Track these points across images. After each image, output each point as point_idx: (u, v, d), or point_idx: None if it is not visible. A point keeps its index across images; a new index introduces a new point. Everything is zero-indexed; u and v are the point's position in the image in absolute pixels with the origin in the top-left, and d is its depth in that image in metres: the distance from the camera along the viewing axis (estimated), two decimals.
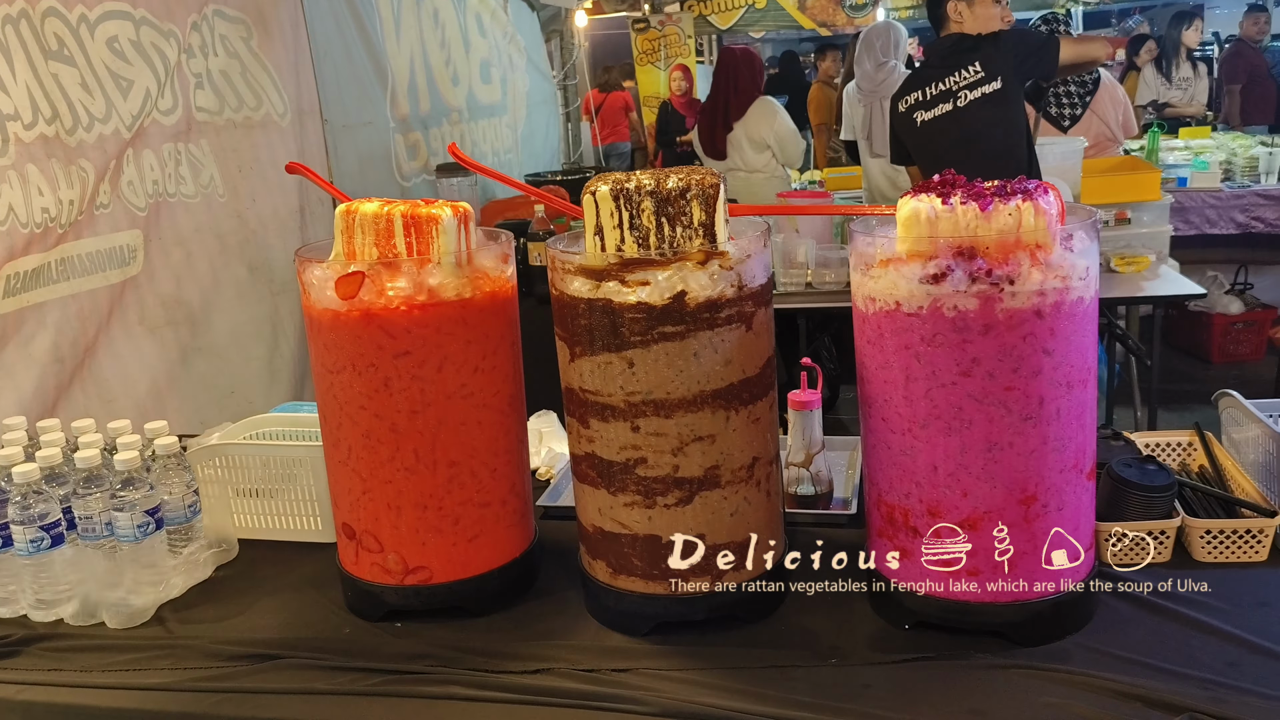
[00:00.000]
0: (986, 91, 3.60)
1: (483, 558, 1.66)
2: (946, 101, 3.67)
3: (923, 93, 3.75)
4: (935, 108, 3.70)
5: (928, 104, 3.73)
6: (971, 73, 3.60)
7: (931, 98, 3.72)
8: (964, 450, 1.40)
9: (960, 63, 3.65)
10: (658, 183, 1.45)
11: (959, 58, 3.66)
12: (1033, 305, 1.34)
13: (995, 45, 3.64)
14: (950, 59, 3.69)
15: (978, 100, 3.61)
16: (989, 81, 3.60)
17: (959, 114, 3.65)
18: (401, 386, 1.55)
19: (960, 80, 3.61)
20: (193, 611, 1.74)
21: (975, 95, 3.61)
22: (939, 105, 3.69)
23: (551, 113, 7.02)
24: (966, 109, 3.62)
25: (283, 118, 3.99)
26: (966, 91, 3.60)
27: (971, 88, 3.60)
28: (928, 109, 3.73)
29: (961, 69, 3.64)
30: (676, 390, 1.46)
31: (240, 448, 1.97)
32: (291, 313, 3.93)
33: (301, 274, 1.60)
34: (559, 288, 1.52)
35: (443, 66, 5.29)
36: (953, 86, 3.64)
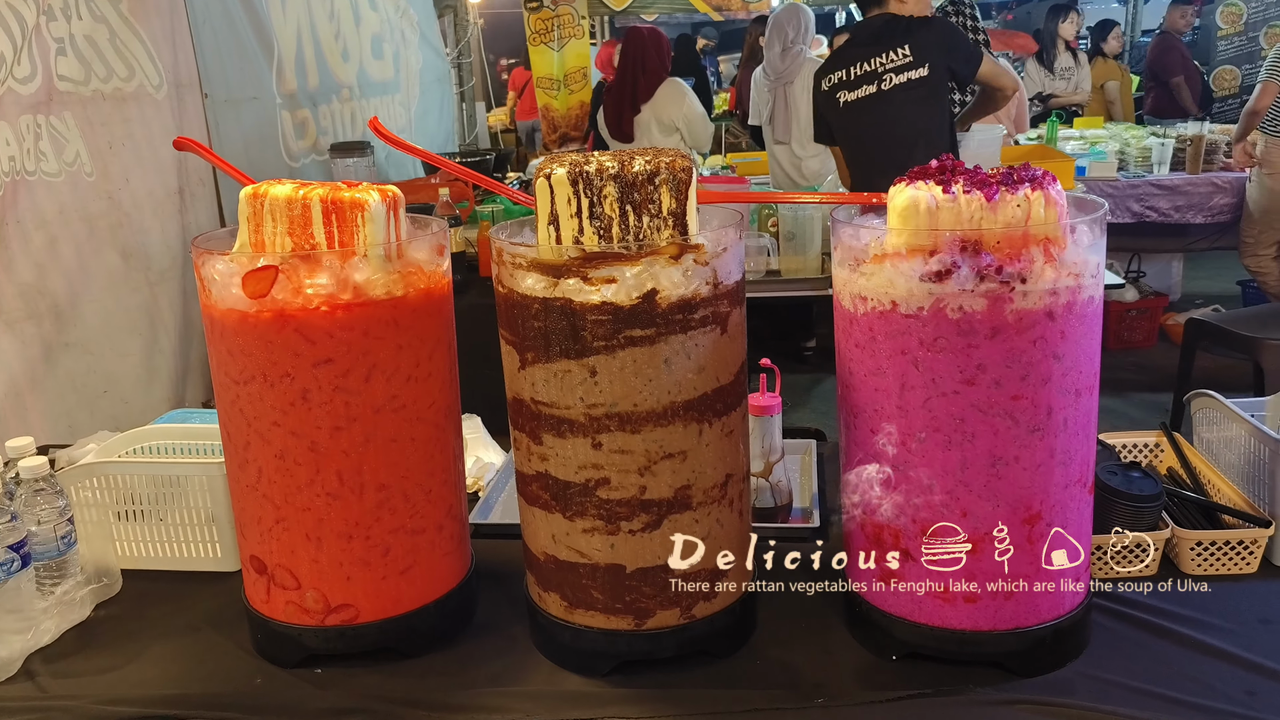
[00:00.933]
0: (912, 77, 3.51)
1: (416, 591, 1.45)
2: (871, 83, 3.56)
3: (846, 72, 3.62)
4: (859, 88, 3.59)
5: (851, 84, 3.61)
6: (900, 56, 3.50)
7: (855, 78, 3.60)
8: (965, 466, 1.27)
9: (889, 44, 3.54)
10: (622, 165, 1.27)
11: (888, 39, 3.55)
12: (1045, 306, 1.21)
13: (928, 31, 3.55)
14: (880, 40, 3.57)
15: (902, 85, 3.51)
16: (916, 67, 3.50)
17: (883, 96, 3.54)
18: (322, 399, 1.34)
19: (887, 63, 3.51)
20: (70, 662, 1.49)
21: (900, 80, 3.51)
22: (863, 86, 3.58)
23: (445, 92, 6.72)
24: (891, 93, 3.52)
25: (158, 90, 3.65)
26: (892, 75, 3.50)
27: (898, 71, 3.50)
28: (851, 89, 3.61)
29: (889, 51, 3.53)
30: (645, 402, 1.29)
31: (123, 466, 1.71)
32: (171, 304, 3.61)
33: (200, 267, 1.36)
34: (507, 285, 1.32)
35: (332, 40, 4.97)
36: (878, 68, 3.54)
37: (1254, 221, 5.10)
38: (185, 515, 1.70)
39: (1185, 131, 5.59)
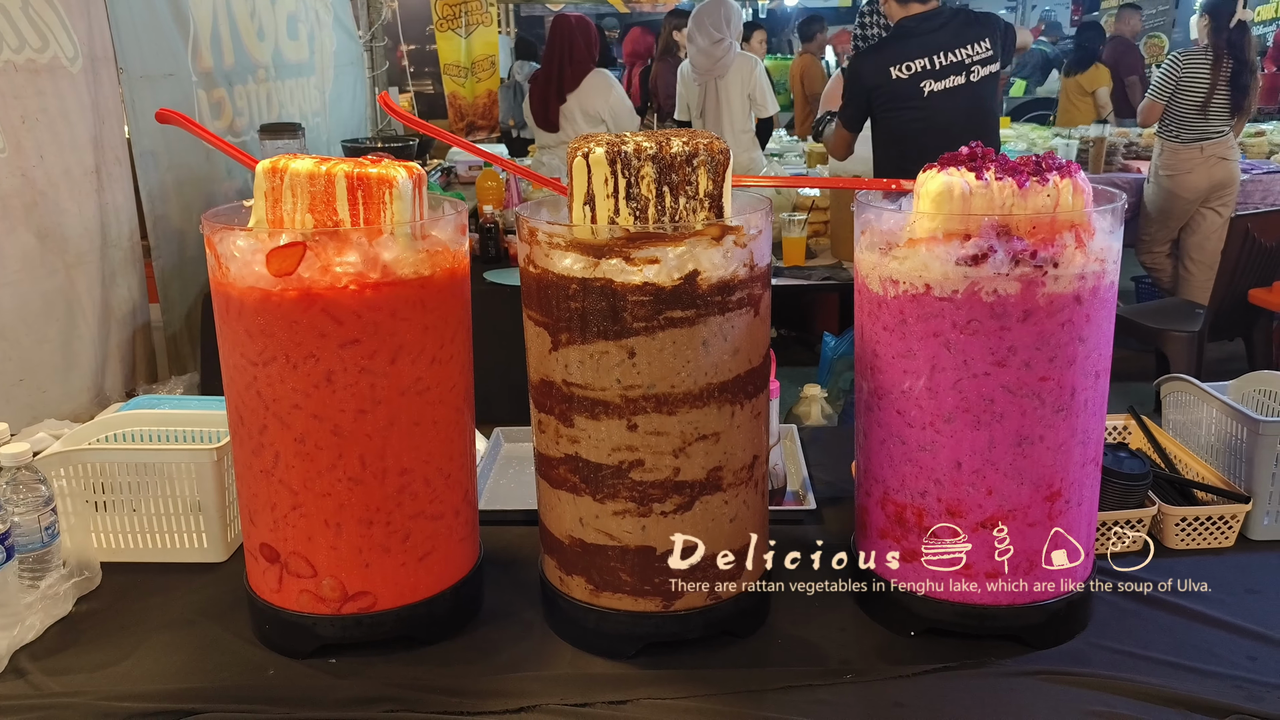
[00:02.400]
0: (992, 70, 3.62)
1: (434, 578, 1.43)
2: (959, 74, 3.61)
3: (930, 61, 3.63)
4: (947, 78, 3.62)
5: (938, 74, 3.63)
6: (983, 49, 3.59)
7: (942, 68, 3.63)
8: (992, 445, 1.31)
9: (971, 37, 3.62)
10: (660, 147, 1.26)
11: (969, 31, 3.63)
12: (1074, 290, 1.26)
13: (997, 28, 3.66)
14: (961, 33, 3.64)
15: (987, 78, 3.62)
16: (994, 61, 3.62)
17: (972, 88, 3.61)
18: (347, 381, 1.30)
19: (972, 54, 3.58)
20: (60, 658, 1.41)
21: (985, 72, 3.60)
22: (951, 76, 3.62)
23: (358, 75, 6.54)
24: (980, 84, 3.61)
25: (73, 63, 3.46)
26: (979, 67, 3.59)
27: (983, 64, 3.59)
28: (938, 79, 3.63)
29: (974, 44, 3.60)
30: (683, 383, 1.29)
31: (103, 454, 1.63)
32: (90, 289, 3.43)
33: (215, 243, 1.30)
34: (540, 265, 1.31)
35: (248, 18, 4.79)
36: (965, 59, 3.60)
37: (1150, 220, 5.37)
38: (169, 504, 1.62)
39: (1088, 133, 5.84)
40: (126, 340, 3.59)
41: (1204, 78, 5.06)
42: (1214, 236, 4.91)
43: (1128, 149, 5.91)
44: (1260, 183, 5.49)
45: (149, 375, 3.70)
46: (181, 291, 3.87)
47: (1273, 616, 1.42)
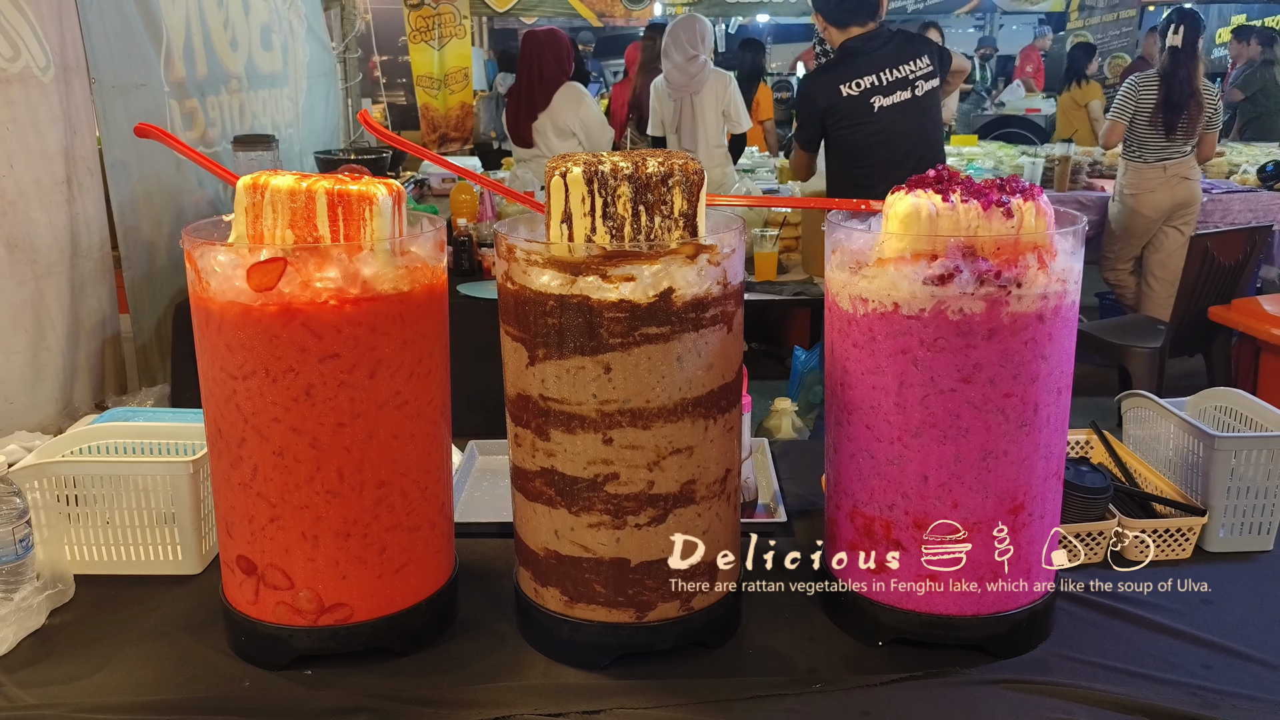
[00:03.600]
0: (934, 85, 3.70)
1: (410, 589, 1.44)
2: (905, 89, 3.69)
3: (878, 78, 3.70)
4: (894, 94, 3.69)
5: (885, 89, 3.70)
6: (923, 65, 3.67)
7: (888, 84, 3.70)
8: (958, 459, 1.34)
9: (912, 54, 3.70)
10: (636, 166, 1.29)
11: (910, 49, 3.72)
12: (1036, 309, 1.30)
13: (930, 44, 3.77)
14: (902, 50, 3.72)
15: (930, 93, 3.69)
16: (935, 77, 3.69)
17: (918, 103, 3.68)
18: (327, 395, 1.32)
19: (915, 70, 3.66)
20: (34, 671, 1.41)
21: (928, 87, 3.68)
22: (898, 92, 3.69)
23: (331, 86, 6.54)
24: (924, 98, 3.68)
25: (44, 72, 3.44)
26: (922, 82, 3.66)
27: (925, 79, 3.66)
28: (886, 94, 3.69)
29: (914, 60, 3.68)
30: (657, 398, 1.32)
31: (77, 466, 1.63)
32: (59, 299, 3.41)
33: (195, 258, 1.32)
34: (518, 281, 1.33)
35: (221, 28, 4.78)
36: (909, 75, 3.67)
37: (1114, 238, 5.47)
38: (144, 516, 1.63)
39: (1054, 152, 5.95)
40: (96, 351, 3.57)
41: (1151, 99, 5.18)
42: (1176, 254, 5.01)
43: (1092, 168, 6.02)
44: (1220, 202, 5.61)
45: (118, 387, 3.68)
46: (152, 302, 3.85)
47: (1227, 626, 1.47)
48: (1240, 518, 1.66)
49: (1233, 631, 1.46)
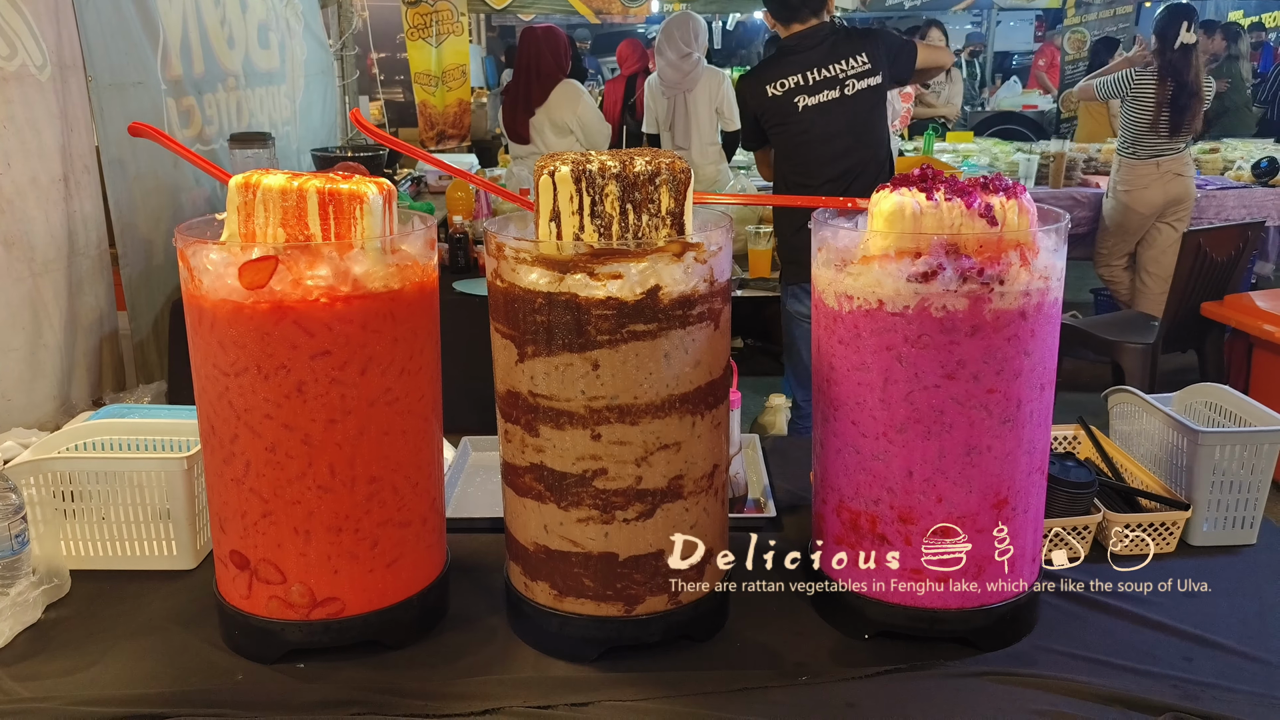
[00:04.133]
0: (871, 84, 3.61)
1: (401, 584, 1.46)
2: (833, 89, 3.62)
3: (804, 77, 3.65)
4: (820, 93, 3.63)
5: (811, 89, 3.64)
6: (859, 63, 3.59)
7: (815, 83, 3.64)
8: (942, 455, 1.36)
9: (845, 52, 3.63)
10: (624, 165, 1.31)
11: (843, 47, 3.64)
12: (1019, 306, 1.32)
13: (874, 41, 3.66)
14: (835, 48, 3.65)
15: (864, 91, 3.61)
16: (873, 75, 3.61)
17: (847, 102, 3.61)
18: (318, 392, 1.33)
19: (847, 69, 3.59)
20: (31, 664, 1.43)
21: (862, 86, 3.60)
22: (824, 91, 3.62)
23: (329, 84, 6.54)
24: (855, 98, 3.61)
25: (41, 70, 3.45)
26: (854, 81, 3.59)
27: (859, 78, 3.59)
28: (812, 94, 3.64)
29: (848, 58, 3.61)
30: (645, 394, 1.33)
31: (73, 462, 1.64)
32: (57, 296, 3.42)
33: (188, 256, 1.33)
34: (507, 279, 1.35)
35: (218, 26, 4.79)
36: (839, 74, 3.61)
37: (1109, 234, 5.49)
38: (139, 512, 1.64)
39: (1049, 149, 5.96)
40: (94, 348, 3.58)
41: (1150, 96, 5.19)
42: (1170, 250, 5.02)
43: (1087, 164, 6.03)
44: (1214, 198, 5.62)
45: (116, 383, 3.70)
46: (149, 299, 3.87)
47: (1209, 619, 1.49)
48: (1224, 512, 1.68)
49: (1214, 624, 1.48)
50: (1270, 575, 1.63)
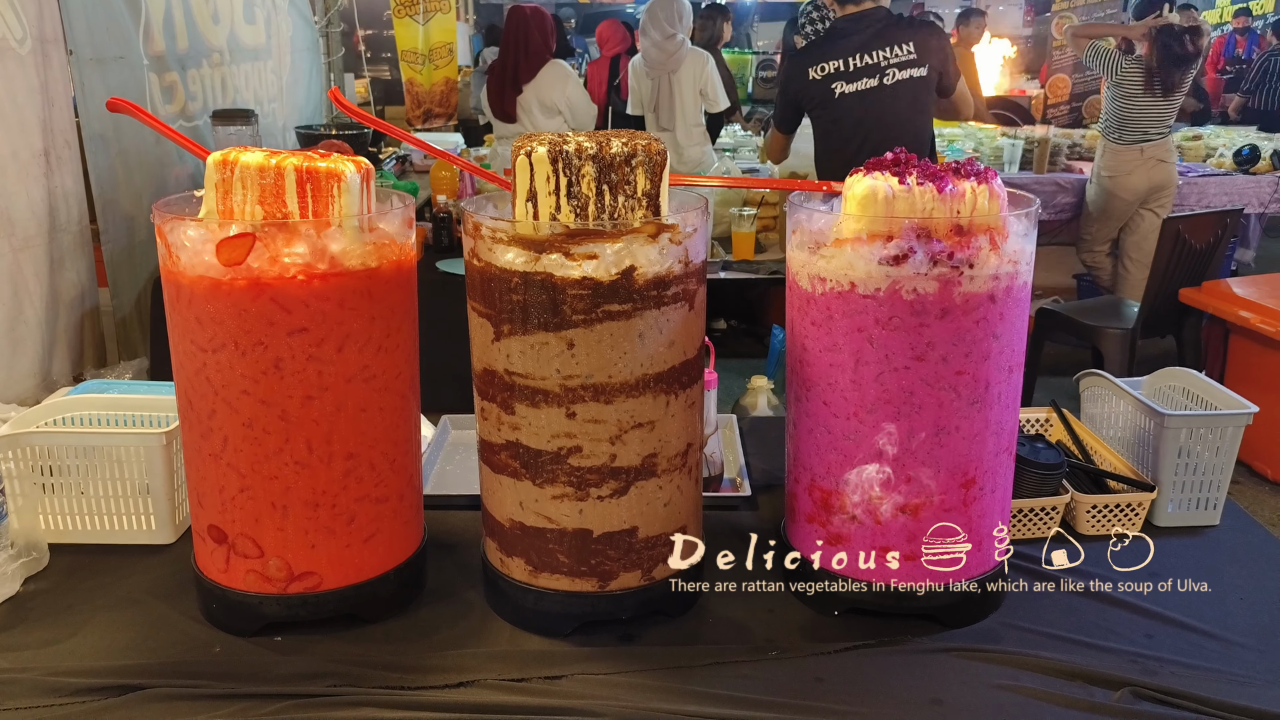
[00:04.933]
0: (915, 75, 3.55)
1: (378, 559, 1.48)
2: (873, 76, 3.57)
3: (845, 63, 3.61)
4: (859, 81, 3.59)
5: (850, 75, 3.60)
6: (904, 52, 3.53)
7: (855, 70, 3.59)
8: (911, 435, 1.38)
9: (892, 40, 3.56)
10: (600, 147, 1.32)
11: (891, 35, 3.57)
12: (988, 289, 1.34)
13: (930, 34, 3.59)
14: (883, 35, 3.59)
15: (905, 82, 3.55)
16: (918, 66, 3.55)
17: (885, 91, 3.56)
18: (295, 368, 1.34)
19: (891, 57, 3.54)
20: (9, 635, 1.44)
21: (903, 76, 3.55)
22: (864, 79, 3.58)
23: (314, 61, 6.51)
24: (894, 88, 3.55)
25: (21, 44, 3.43)
26: (895, 70, 3.54)
27: (901, 67, 3.54)
28: (850, 81, 3.60)
29: (894, 46, 3.55)
30: (619, 374, 1.35)
31: (51, 436, 1.65)
32: (38, 272, 3.41)
33: (166, 233, 1.34)
34: (484, 259, 1.36)
35: (202, 2, 4.76)
36: (881, 62, 3.56)
37: (1092, 220, 5.52)
38: (117, 487, 1.66)
39: (1034, 134, 5.98)
40: (74, 324, 3.58)
41: (1137, 80, 5.21)
42: (1152, 237, 5.04)
43: (1071, 150, 6.06)
44: (1195, 185, 5.66)
45: (97, 359, 3.69)
46: (131, 276, 3.86)
47: (1170, 598, 1.52)
48: (1188, 493, 1.71)
49: (1176, 603, 1.51)
50: (1231, 556, 1.66)
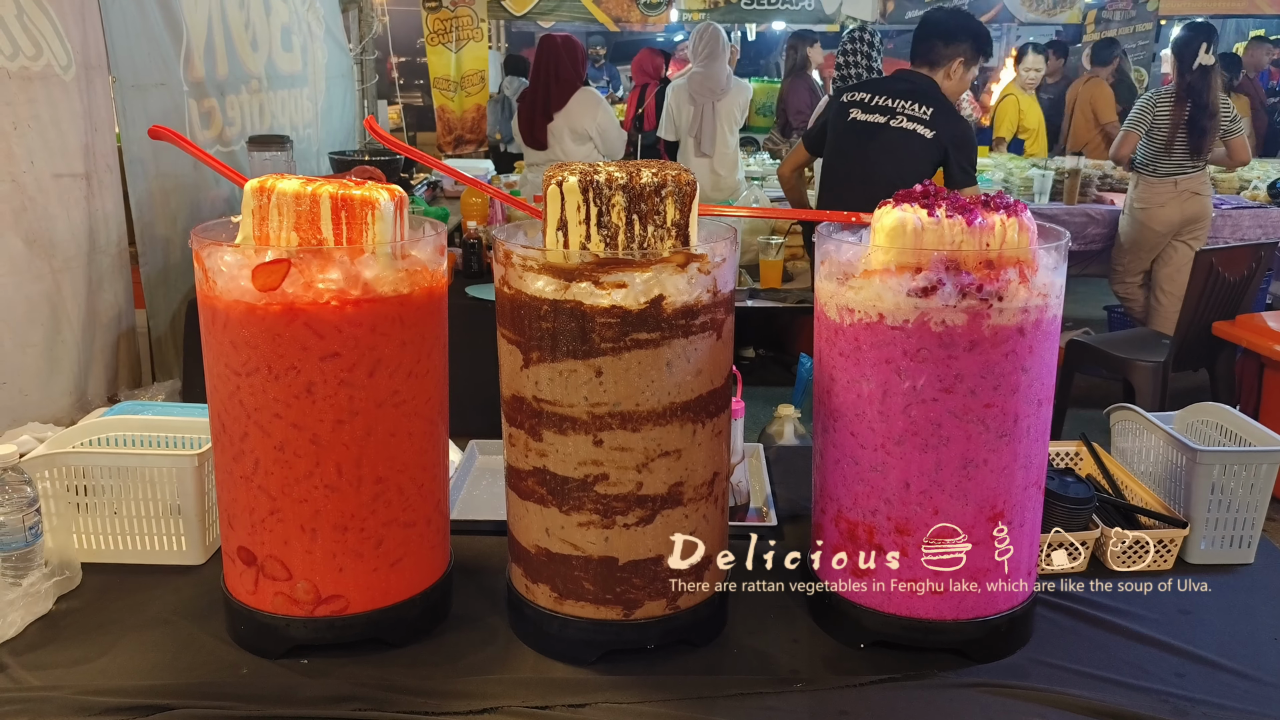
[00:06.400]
0: (920, 132, 3.66)
1: (405, 583, 1.48)
2: (883, 115, 3.71)
3: (869, 97, 3.77)
4: (871, 114, 3.73)
5: (866, 107, 3.75)
6: (919, 110, 3.65)
7: (872, 105, 3.74)
8: (939, 467, 1.38)
9: (915, 97, 3.70)
10: (630, 177, 1.33)
11: (917, 95, 3.71)
12: (1017, 322, 1.33)
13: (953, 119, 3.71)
14: (910, 91, 3.73)
15: (909, 133, 3.66)
16: (928, 128, 3.66)
17: (887, 132, 3.69)
18: (327, 393, 1.36)
19: (905, 108, 3.67)
20: (41, 654, 1.46)
21: (909, 128, 3.66)
22: (875, 114, 3.72)
23: (348, 88, 6.62)
24: (897, 133, 3.67)
25: (66, 71, 3.51)
26: (904, 119, 3.66)
27: (910, 119, 3.66)
28: (865, 112, 3.75)
29: (914, 101, 3.68)
30: (647, 402, 1.36)
31: (86, 457, 1.68)
32: (75, 293, 3.48)
33: (204, 259, 1.37)
34: (514, 286, 1.37)
35: (242, 29, 4.85)
36: (897, 108, 3.69)
37: (1124, 251, 5.48)
38: (149, 508, 1.68)
39: (1064, 165, 5.96)
40: (111, 345, 3.63)
41: (1167, 118, 5.18)
42: (1185, 269, 4.99)
43: (1102, 181, 6.03)
44: (1230, 217, 5.61)
45: (132, 380, 3.74)
46: (167, 297, 3.92)
47: (1202, 636, 1.50)
48: (1221, 530, 1.69)
49: (1208, 641, 1.49)
50: (1266, 595, 1.64)
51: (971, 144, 3.86)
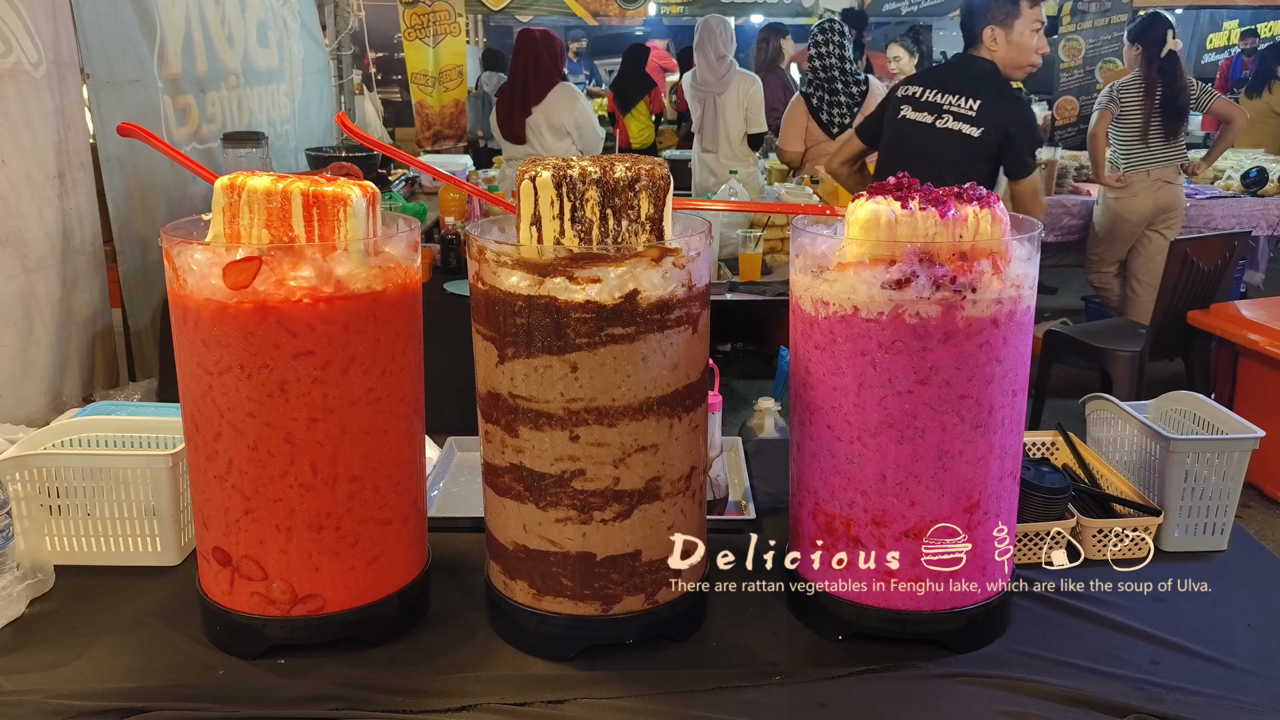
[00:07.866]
0: (965, 131, 3.52)
1: (382, 581, 1.48)
2: (930, 113, 3.60)
3: (921, 92, 3.66)
4: (921, 113, 3.63)
5: (917, 104, 3.65)
6: (964, 106, 3.51)
7: (921, 101, 3.64)
8: (915, 459, 1.38)
9: (962, 90, 3.56)
10: (604, 171, 1.33)
11: (964, 86, 3.57)
12: (991, 313, 1.34)
13: (1002, 102, 3.54)
14: (959, 84, 3.59)
15: (954, 133, 3.53)
16: (972, 125, 3.51)
17: (933, 133, 3.58)
18: (300, 391, 1.35)
19: (951, 104, 3.54)
20: (14, 658, 1.44)
21: (954, 127, 3.53)
22: (923, 111, 3.62)
23: (325, 83, 6.57)
24: (942, 134, 3.55)
25: (36, 68, 3.47)
26: (950, 117, 3.54)
27: (956, 118, 3.53)
28: (915, 109, 3.65)
29: (960, 96, 3.54)
30: (623, 397, 1.35)
31: (59, 458, 1.66)
32: (49, 293, 3.44)
33: (174, 256, 1.35)
34: (488, 282, 1.37)
35: (218, 24, 4.81)
36: (942, 104, 3.57)
37: (1099, 241, 5.52)
38: (124, 509, 1.66)
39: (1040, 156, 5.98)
40: (86, 345, 3.59)
41: (1137, 109, 5.22)
42: (1159, 258, 5.03)
43: (1078, 172, 6.06)
44: (1203, 208, 5.66)
45: (109, 380, 3.71)
46: (145, 296, 3.88)
47: (1176, 623, 1.51)
48: (1195, 518, 1.70)
49: (1183, 629, 1.50)
50: (1239, 581, 1.65)
51: (1027, 131, 3.62)
